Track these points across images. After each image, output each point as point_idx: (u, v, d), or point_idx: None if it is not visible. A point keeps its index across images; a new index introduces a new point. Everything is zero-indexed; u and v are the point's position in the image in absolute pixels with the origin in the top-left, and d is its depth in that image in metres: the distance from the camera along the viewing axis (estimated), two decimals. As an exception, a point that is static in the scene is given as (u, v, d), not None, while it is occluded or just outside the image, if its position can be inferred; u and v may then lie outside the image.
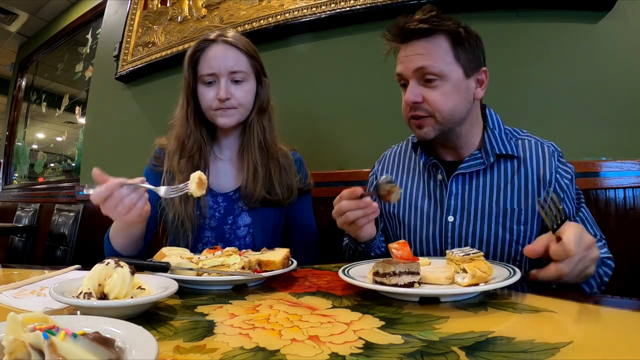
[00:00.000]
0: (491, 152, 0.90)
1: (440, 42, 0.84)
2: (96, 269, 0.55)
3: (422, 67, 0.84)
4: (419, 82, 0.86)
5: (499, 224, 0.88)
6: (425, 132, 0.88)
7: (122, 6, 2.46)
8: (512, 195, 0.88)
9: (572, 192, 0.89)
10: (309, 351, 0.41)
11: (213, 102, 1.04)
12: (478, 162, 0.91)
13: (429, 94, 0.85)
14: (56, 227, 2.40)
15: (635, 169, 1.15)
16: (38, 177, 3.66)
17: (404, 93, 0.91)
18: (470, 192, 0.91)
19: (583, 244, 0.61)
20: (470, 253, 0.64)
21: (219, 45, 1.04)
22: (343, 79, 1.57)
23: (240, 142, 1.13)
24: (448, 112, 0.86)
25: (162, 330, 0.48)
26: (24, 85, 3.97)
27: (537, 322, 0.50)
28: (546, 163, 0.88)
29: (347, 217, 0.81)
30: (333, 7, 1.53)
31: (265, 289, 0.71)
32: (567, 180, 0.88)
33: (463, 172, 0.91)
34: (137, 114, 2.25)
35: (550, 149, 0.90)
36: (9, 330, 0.31)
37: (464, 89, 0.87)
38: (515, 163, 0.90)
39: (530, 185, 0.88)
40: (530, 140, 0.92)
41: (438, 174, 0.95)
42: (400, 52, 0.89)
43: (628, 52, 1.21)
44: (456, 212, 0.91)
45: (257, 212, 1.10)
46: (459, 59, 0.85)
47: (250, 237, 1.09)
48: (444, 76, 0.84)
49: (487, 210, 0.89)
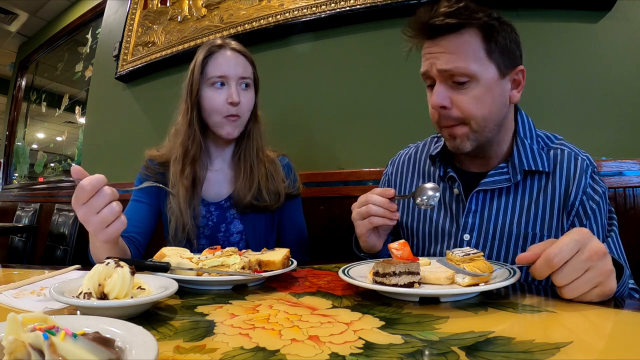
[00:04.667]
0: (519, 168, 0.80)
1: (471, 37, 0.73)
2: (96, 269, 0.55)
3: (450, 69, 0.74)
4: (447, 83, 0.76)
5: (517, 249, 0.79)
6: (460, 143, 0.78)
7: (122, 6, 2.46)
8: (535, 218, 0.79)
9: (600, 216, 0.78)
10: (309, 351, 0.41)
11: (223, 107, 1.04)
12: (503, 178, 0.81)
13: (458, 98, 0.75)
14: (56, 227, 2.40)
15: (635, 169, 1.15)
16: (38, 177, 3.66)
17: (428, 94, 0.81)
18: (491, 210, 0.82)
19: (587, 252, 0.53)
20: (471, 253, 0.64)
21: (228, 51, 1.08)
22: (343, 79, 1.57)
23: (233, 151, 1.15)
24: (483, 119, 0.76)
25: (162, 330, 0.48)
26: (24, 85, 3.97)
27: (537, 322, 0.50)
28: (575, 181, 0.78)
29: (368, 209, 0.77)
30: (333, 7, 1.53)
31: (265, 289, 0.71)
32: (595, 204, 0.77)
33: (484, 189, 0.82)
34: (137, 113, 2.25)
35: (585, 164, 0.79)
36: (9, 330, 0.31)
37: (498, 91, 0.77)
38: (544, 179, 0.80)
39: (557, 208, 0.78)
40: (563, 151, 0.81)
41: (455, 188, 0.86)
42: (425, 47, 0.78)
43: (628, 52, 1.21)
44: (473, 231, 0.83)
45: (248, 219, 1.11)
46: (492, 56, 0.74)
47: (244, 243, 1.12)
48: (476, 77, 0.74)
49: (507, 232, 0.80)
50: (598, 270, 0.53)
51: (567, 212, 0.78)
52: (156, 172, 1.12)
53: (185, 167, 1.07)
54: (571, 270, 0.52)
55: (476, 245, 0.83)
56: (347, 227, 0.89)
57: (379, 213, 0.77)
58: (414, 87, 1.41)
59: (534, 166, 0.80)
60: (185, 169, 1.06)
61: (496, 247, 0.82)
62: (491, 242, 0.82)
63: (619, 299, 0.60)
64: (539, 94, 1.29)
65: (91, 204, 0.67)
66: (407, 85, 1.41)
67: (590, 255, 0.52)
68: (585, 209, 0.77)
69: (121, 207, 0.70)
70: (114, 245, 0.79)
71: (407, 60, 0.86)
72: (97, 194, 0.66)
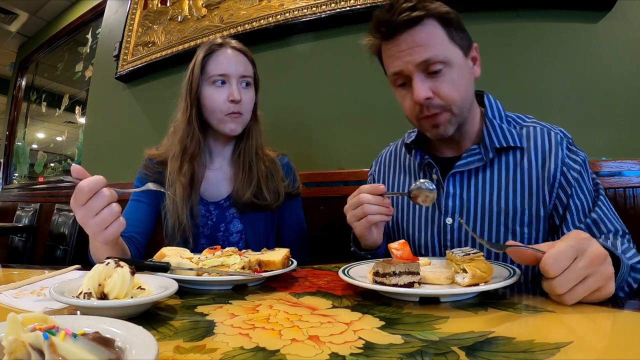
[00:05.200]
0: (490, 147, 0.83)
1: (433, 27, 0.77)
2: (96, 269, 0.55)
3: (426, 60, 0.76)
4: (424, 75, 0.78)
5: (500, 226, 0.81)
6: (444, 129, 0.81)
7: (122, 6, 2.46)
8: (514, 193, 0.81)
9: (584, 183, 0.80)
10: (309, 351, 0.41)
11: (224, 105, 1.05)
12: (476, 158, 0.84)
13: (438, 86, 0.78)
14: (56, 227, 2.40)
15: (635, 169, 1.15)
16: (38, 177, 3.66)
17: (401, 93, 0.84)
18: (469, 191, 0.85)
19: (586, 258, 0.51)
20: (471, 253, 0.64)
21: (228, 50, 1.08)
22: (343, 79, 1.57)
23: (233, 150, 1.15)
24: (461, 100, 0.79)
25: (162, 330, 0.48)
26: (24, 85, 3.97)
27: (537, 322, 0.50)
28: (552, 153, 0.80)
29: (364, 210, 0.77)
30: (333, 7, 1.53)
31: (265, 289, 0.71)
32: (576, 172, 0.79)
33: (460, 171, 0.85)
34: (137, 113, 2.25)
35: (559, 137, 0.82)
36: (9, 330, 0.31)
37: (467, 70, 0.81)
38: (518, 155, 0.82)
39: (535, 181, 0.80)
40: (535, 128, 0.84)
41: (433, 174, 0.89)
42: (389, 49, 0.81)
43: (628, 52, 1.21)
44: (454, 214, 0.86)
45: (248, 218, 1.11)
46: (454, 40, 0.79)
47: (243, 243, 1.12)
48: (449, 62, 0.77)
49: (488, 210, 0.83)
50: (599, 276, 0.52)
51: (549, 185, 0.80)
52: (155, 170, 1.12)
53: (184, 165, 1.07)
54: (570, 278, 0.51)
55: (459, 228, 0.85)
56: (347, 227, 0.89)
57: (375, 211, 0.77)
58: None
59: (505, 142, 0.83)
60: (183, 167, 1.06)
61: (479, 228, 0.83)
62: (473, 222, 0.84)
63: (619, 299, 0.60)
64: (539, 94, 1.29)
65: (89, 206, 0.66)
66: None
67: (591, 261, 0.51)
68: (567, 179, 0.79)
69: (120, 209, 0.69)
70: (113, 246, 0.79)
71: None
72: (95, 195, 0.66)
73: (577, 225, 0.78)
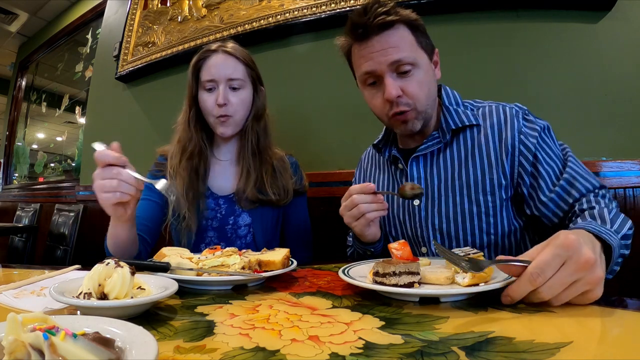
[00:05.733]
0: (447, 129, 0.89)
1: (403, 31, 0.84)
2: (96, 269, 0.55)
3: (398, 60, 0.82)
4: (395, 75, 0.84)
5: (463, 197, 0.86)
6: (412, 125, 0.88)
7: (122, 6, 2.46)
8: (474, 167, 0.86)
9: (549, 148, 0.83)
10: (309, 351, 0.41)
11: (214, 109, 1.09)
12: (435, 141, 0.90)
13: (406, 85, 0.84)
14: (56, 227, 2.40)
15: (635, 169, 1.15)
16: (38, 177, 3.66)
17: (370, 92, 0.90)
18: (432, 173, 0.91)
19: (573, 264, 0.50)
20: (471, 253, 0.64)
21: (219, 55, 1.10)
22: (343, 79, 1.56)
23: (238, 146, 1.18)
24: (425, 99, 0.86)
25: (162, 330, 0.48)
26: (24, 85, 3.97)
27: (537, 322, 0.49)
28: (507, 125, 0.85)
29: (360, 209, 0.81)
30: (333, 7, 1.53)
31: (265, 289, 0.71)
32: (533, 138, 0.82)
33: (421, 154, 0.91)
34: (137, 114, 2.25)
35: (513, 110, 0.87)
36: (9, 330, 0.31)
37: (431, 72, 0.88)
38: (475, 132, 0.88)
39: (493, 153, 0.85)
40: (491, 106, 0.90)
41: (399, 164, 0.96)
42: (361, 49, 0.86)
43: (628, 52, 1.21)
44: (420, 196, 0.89)
45: (256, 212, 1.13)
46: (421, 44, 0.86)
47: (251, 236, 1.13)
48: (417, 64, 0.84)
49: (451, 186, 0.88)
50: (586, 281, 0.51)
51: (509, 154, 0.84)
52: (166, 167, 1.15)
53: (182, 161, 1.11)
54: (555, 285, 0.51)
55: (425, 207, 0.91)
56: (346, 227, 0.89)
57: (371, 208, 0.81)
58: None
59: (461, 123, 0.89)
60: (182, 163, 1.11)
61: (444, 203, 0.88)
62: (438, 200, 0.89)
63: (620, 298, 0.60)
64: (539, 94, 1.29)
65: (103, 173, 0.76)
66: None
67: (577, 268, 0.50)
68: (526, 146, 0.83)
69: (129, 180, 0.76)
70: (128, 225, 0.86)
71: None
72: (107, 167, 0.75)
73: (551, 189, 0.81)
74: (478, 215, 0.85)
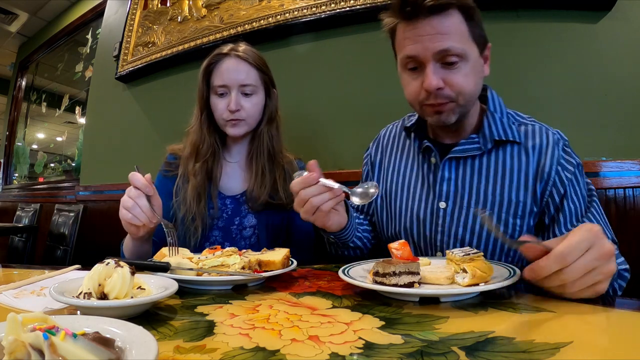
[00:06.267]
0: (489, 138, 0.84)
1: (456, 18, 0.76)
2: (96, 269, 0.55)
3: (446, 49, 0.75)
4: (438, 64, 0.77)
5: (492, 215, 0.83)
6: (446, 117, 0.81)
7: (122, 6, 2.46)
8: (510, 185, 0.82)
9: (578, 187, 0.82)
10: (309, 351, 0.41)
11: (224, 113, 1.09)
12: (474, 146, 0.85)
13: (451, 77, 0.77)
14: (56, 227, 2.40)
15: (635, 169, 1.15)
16: (38, 177, 3.66)
17: (409, 76, 0.82)
18: (465, 178, 0.86)
19: (595, 251, 0.52)
20: (470, 253, 0.64)
21: (231, 59, 1.10)
22: (343, 79, 1.57)
23: (249, 148, 1.19)
24: (469, 94, 0.80)
25: (162, 330, 0.48)
26: (24, 85, 3.97)
27: (537, 322, 0.49)
28: (548, 152, 0.82)
29: (312, 203, 0.74)
30: (333, 7, 1.53)
31: (265, 289, 0.71)
32: (570, 173, 0.81)
33: (457, 157, 0.86)
34: (137, 114, 2.25)
35: (555, 137, 0.83)
36: (9, 330, 0.31)
37: (479, 67, 0.81)
38: (516, 150, 0.84)
39: (531, 176, 0.82)
40: (534, 126, 0.86)
41: (432, 157, 0.90)
42: (407, 30, 0.78)
43: (628, 52, 1.21)
44: (448, 198, 0.86)
45: (262, 214, 1.13)
46: (474, 36, 0.78)
47: (256, 238, 1.13)
48: (465, 56, 0.77)
49: (482, 199, 0.84)
50: (601, 270, 0.53)
51: (543, 182, 0.81)
52: (176, 165, 1.16)
53: (196, 165, 1.11)
54: (579, 268, 0.52)
55: (452, 212, 0.86)
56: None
57: (324, 199, 0.74)
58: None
59: (504, 136, 0.84)
60: (196, 167, 1.11)
61: (471, 215, 0.84)
62: (466, 209, 0.85)
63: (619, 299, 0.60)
64: (539, 94, 1.29)
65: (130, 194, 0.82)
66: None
67: (599, 255, 0.52)
68: (561, 179, 0.80)
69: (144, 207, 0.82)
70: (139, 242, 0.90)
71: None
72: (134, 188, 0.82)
73: (568, 227, 0.79)
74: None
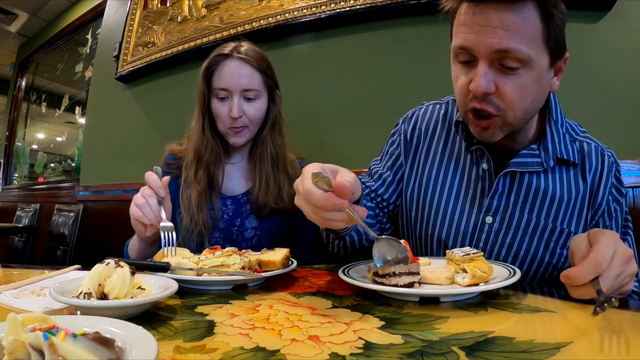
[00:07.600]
0: (552, 153, 0.74)
1: (531, 14, 0.61)
2: (96, 269, 0.55)
3: (506, 50, 0.61)
4: (494, 65, 0.64)
5: (541, 241, 0.74)
6: (492, 134, 0.70)
7: (122, 6, 2.46)
8: (564, 214, 0.74)
9: (620, 218, 0.77)
10: (309, 351, 0.41)
11: (226, 120, 1.05)
12: (535, 161, 0.74)
13: (504, 84, 0.64)
14: (56, 227, 2.40)
15: (635, 169, 1.15)
16: (38, 177, 3.66)
17: (459, 69, 0.69)
18: (518, 195, 0.75)
19: (619, 257, 0.53)
20: (470, 253, 0.64)
21: (233, 61, 1.04)
22: (343, 79, 1.57)
23: (250, 150, 1.15)
24: (522, 111, 0.67)
25: (162, 330, 0.48)
26: (24, 85, 3.97)
27: (537, 322, 0.50)
28: (603, 179, 0.75)
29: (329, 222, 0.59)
30: (333, 7, 1.53)
31: (265, 289, 0.71)
32: (617, 205, 0.75)
33: (515, 171, 0.75)
34: (137, 114, 2.25)
35: (610, 160, 0.77)
36: (9, 331, 0.31)
37: (545, 80, 0.67)
38: (572, 173, 0.75)
39: (586, 202, 0.75)
40: (590, 145, 0.77)
41: (483, 163, 0.78)
42: (467, 15, 0.64)
43: (628, 52, 1.21)
44: (497, 214, 0.76)
45: (264, 216, 1.11)
46: (547, 41, 0.63)
47: (257, 239, 1.11)
48: (531, 63, 0.63)
49: (534, 222, 0.74)
50: (627, 273, 0.55)
51: (593, 210, 0.76)
52: (176, 166, 1.12)
53: (199, 172, 1.07)
54: (612, 274, 0.53)
55: (497, 230, 0.76)
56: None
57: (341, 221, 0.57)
58: (414, 86, 1.41)
59: (566, 155, 0.75)
60: (199, 174, 1.07)
61: (519, 237, 0.75)
62: (514, 230, 0.75)
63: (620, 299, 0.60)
64: (539, 94, 1.29)
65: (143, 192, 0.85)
66: (408, 85, 1.41)
67: (624, 260, 0.54)
68: (610, 210, 0.76)
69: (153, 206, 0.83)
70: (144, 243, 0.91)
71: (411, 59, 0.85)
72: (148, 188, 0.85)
73: None
74: (546, 266, 0.75)
